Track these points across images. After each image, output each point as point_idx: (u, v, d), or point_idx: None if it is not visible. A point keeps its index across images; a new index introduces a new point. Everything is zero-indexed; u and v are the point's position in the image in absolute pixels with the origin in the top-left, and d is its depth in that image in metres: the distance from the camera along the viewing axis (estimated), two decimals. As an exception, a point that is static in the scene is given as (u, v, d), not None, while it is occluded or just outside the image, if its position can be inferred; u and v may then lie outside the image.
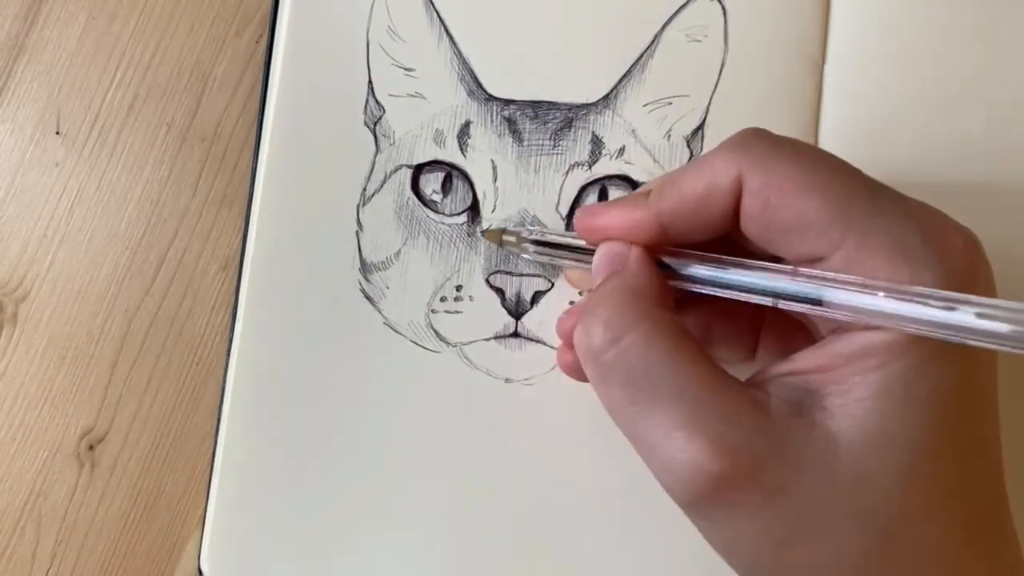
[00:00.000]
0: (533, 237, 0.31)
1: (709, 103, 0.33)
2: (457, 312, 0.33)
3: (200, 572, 0.33)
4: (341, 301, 0.33)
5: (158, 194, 0.36)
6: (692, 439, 0.22)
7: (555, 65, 0.34)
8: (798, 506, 0.22)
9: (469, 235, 0.33)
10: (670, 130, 0.33)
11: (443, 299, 0.33)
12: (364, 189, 0.34)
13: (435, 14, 0.34)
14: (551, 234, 0.31)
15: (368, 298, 0.33)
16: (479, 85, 0.34)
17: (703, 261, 0.26)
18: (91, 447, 0.35)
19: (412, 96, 0.34)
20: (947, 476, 0.22)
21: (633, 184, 0.33)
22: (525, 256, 0.32)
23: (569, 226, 0.33)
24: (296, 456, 0.33)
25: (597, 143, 0.33)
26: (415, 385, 0.33)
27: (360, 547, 0.33)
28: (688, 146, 0.33)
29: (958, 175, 0.25)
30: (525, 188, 0.33)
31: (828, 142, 0.33)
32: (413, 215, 0.33)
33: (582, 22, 0.34)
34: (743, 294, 0.25)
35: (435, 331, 0.33)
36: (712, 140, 0.33)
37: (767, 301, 0.24)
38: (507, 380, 0.33)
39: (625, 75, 0.33)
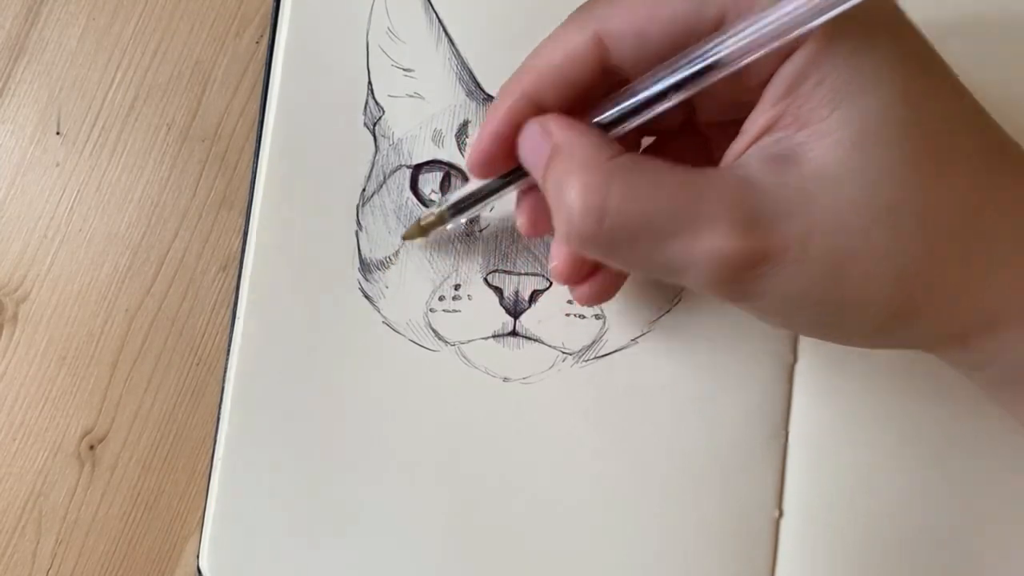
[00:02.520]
0: (448, 203, 0.30)
1: (707, 103, 0.33)
2: (455, 311, 0.33)
3: (200, 572, 0.33)
4: (341, 301, 0.33)
5: (158, 194, 0.36)
6: (713, 240, 0.22)
7: (554, 65, 0.34)
8: (830, 237, 0.22)
9: (467, 235, 0.33)
10: (668, 129, 0.33)
11: (442, 298, 0.33)
12: (363, 189, 0.34)
13: (434, 15, 0.34)
14: (462, 188, 0.30)
15: (367, 297, 0.33)
16: (478, 85, 0.34)
17: (611, 102, 0.25)
18: (91, 447, 0.35)
19: (411, 96, 0.34)
20: (943, 140, 0.22)
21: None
22: (449, 227, 0.31)
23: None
24: (296, 456, 0.33)
25: (596, 143, 0.33)
26: (414, 384, 0.33)
27: (359, 546, 0.33)
28: (686, 145, 0.33)
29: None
30: (524, 188, 0.33)
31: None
32: (412, 215, 0.33)
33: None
34: (656, 107, 0.25)
35: (434, 330, 0.33)
36: (710, 140, 0.33)
37: (675, 99, 0.24)
38: (505, 379, 0.33)
39: (624, 75, 0.33)
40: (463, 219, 0.31)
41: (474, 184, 0.29)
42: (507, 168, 0.28)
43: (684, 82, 0.24)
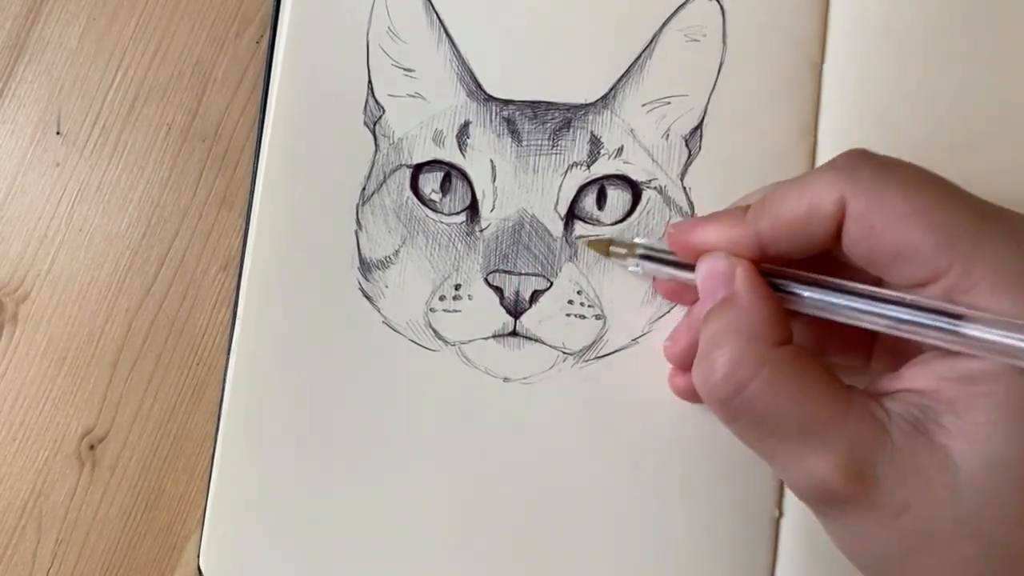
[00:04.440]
0: (641, 252, 0.30)
1: (707, 102, 0.33)
2: (456, 311, 0.33)
3: (200, 572, 0.33)
4: (340, 300, 0.33)
5: (159, 194, 0.36)
6: (820, 465, 0.23)
7: (554, 65, 0.34)
8: (922, 524, 0.23)
9: (468, 234, 0.33)
10: (668, 129, 0.33)
11: (442, 298, 0.33)
12: (364, 188, 0.34)
13: (435, 15, 0.34)
14: (659, 249, 0.30)
15: (367, 297, 0.33)
16: (478, 85, 0.34)
17: (815, 285, 0.26)
18: (92, 447, 0.35)
19: (412, 96, 0.34)
20: None
21: (632, 184, 0.33)
22: (627, 267, 0.31)
23: (570, 225, 0.33)
24: (295, 455, 0.33)
25: (596, 143, 0.33)
26: (414, 384, 0.33)
27: (359, 546, 0.33)
28: (686, 145, 0.33)
29: (957, 174, 0.25)
30: (524, 188, 0.33)
31: (827, 142, 0.33)
32: (412, 214, 0.33)
33: (581, 22, 0.34)
34: (860, 318, 0.25)
35: (434, 330, 0.33)
36: (710, 139, 0.33)
37: (889, 328, 0.25)
38: (506, 379, 0.33)
39: (624, 75, 0.33)
40: (647, 267, 0.31)
41: (669, 252, 0.30)
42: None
43: (915, 324, 0.24)
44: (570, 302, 0.33)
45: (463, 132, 0.34)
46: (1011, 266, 0.22)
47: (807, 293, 0.26)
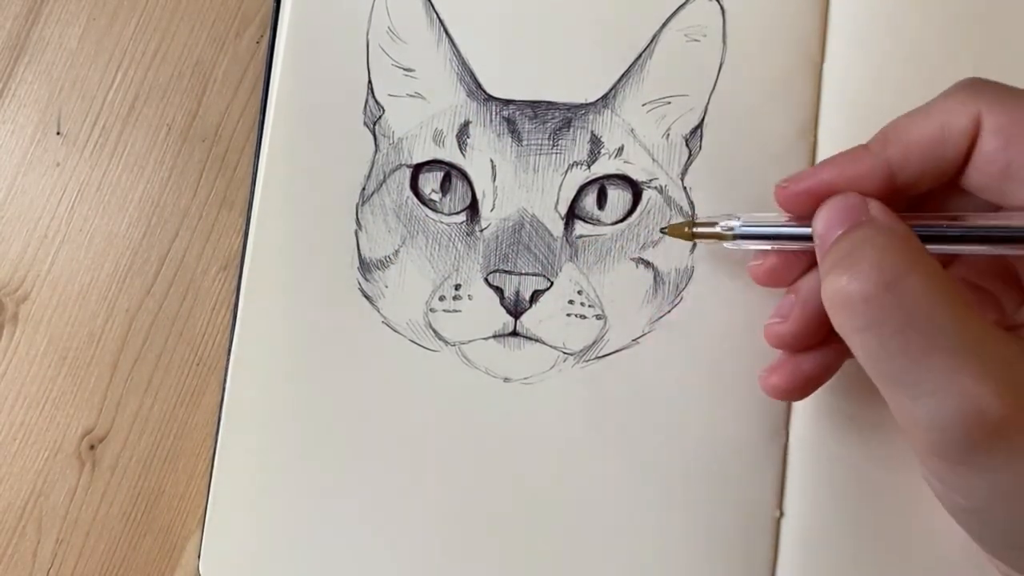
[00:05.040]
0: (736, 231, 0.29)
1: (708, 102, 0.33)
2: (456, 311, 0.33)
3: (200, 572, 0.33)
4: (340, 300, 0.33)
5: (159, 194, 0.36)
6: (977, 380, 0.21)
7: (554, 65, 0.34)
8: None
9: (468, 234, 0.33)
10: (669, 129, 0.33)
11: (442, 298, 0.33)
12: (363, 188, 0.34)
13: (435, 15, 0.34)
14: (754, 222, 0.28)
15: (367, 297, 0.33)
16: (478, 85, 0.34)
17: (946, 220, 0.25)
18: (92, 447, 0.35)
19: (411, 96, 0.34)
20: None
21: (632, 183, 0.33)
22: (727, 245, 0.30)
23: (570, 225, 0.33)
24: (295, 456, 0.33)
25: (596, 143, 0.33)
26: (414, 384, 0.33)
27: (359, 546, 0.33)
28: (687, 145, 0.33)
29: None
30: (524, 187, 0.33)
31: (827, 142, 0.33)
32: (412, 214, 0.33)
33: (581, 22, 0.34)
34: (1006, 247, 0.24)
35: (434, 330, 0.33)
36: (711, 139, 0.33)
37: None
38: (506, 379, 0.33)
39: (624, 75, 0.33)
40: (741, 246, 0.29)
41: (771, 219, 0.28)
42: (807, 214, 0.27)
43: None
44: (570, 302, 0.33)
45: (463, 132, 0.34)
46: None
47: (948, 226, 0.25)
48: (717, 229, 0.29)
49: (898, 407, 0.23)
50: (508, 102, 0.34)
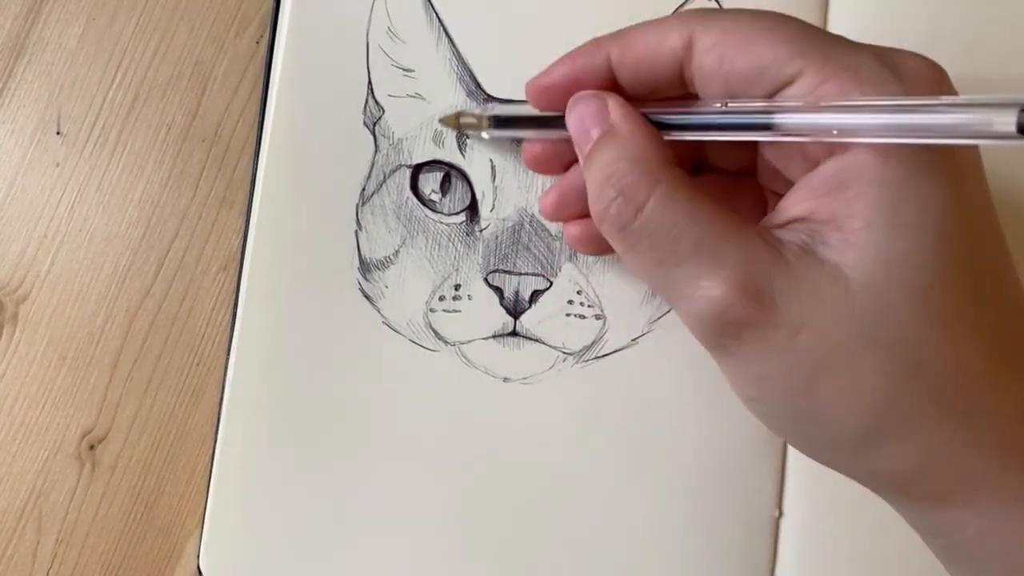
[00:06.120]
0: (492, 113, 0.31)
1: (707, 103, 0.33)
2: (456, 311, 0.33)
3: (200, 572, 0.33)
4: (340, 300, 0.33)
5: (158, 194, 0.36)
6: (716, 284, 0.23)
7: (554, 65, 0.34)
8: (820, 340, 0.22)
9: (468, 234, 0.33)
10: (668, 130, 0.33)
11: (442, 298, 0.33)
12: (363, 189, 0.34)
13: (434, 15, 0.34)
14: (511, 106, 0.31)
15: (367, 297, 0.33)
16: (478, 86, 0.34)
17: (671, 107, 0.26)
18: (92, 447, 0.35)
19: (411, 97, 0.34)
20: (962, 302, 0.22)
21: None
22: (484, 136, 0.32)
23: None
24: (295, 456, 0.33)
25: (596, 143, 0.33)
26: (414, 384, 0.33)
27: (359, 547, 0.33)
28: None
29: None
30: (523, 188, 0.33)
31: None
32: (412, 214, 0.33)
33: (581, 23, 0.34)
34: (708, 133, 0.25)
35: (434, 330, 0.33)
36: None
37: (726, 136, 0.25)
38: (505, 379, 0.33)
39: (624, 75, 0.33)
40: (497, 134, 0.32)
41: (522, 108, 0.30)
42: (558, 109, 0.28)
43: (739, 126, 0.24)
44: (570, 302, 0.33)
45: (463, 133, 0.34)
46: (862, 63, 0.22)
47: (673, 112, 0.26)
48: (475, 120, 0.32)
49: (675, 312, 0.25)
50: (508, 102, 0.34)
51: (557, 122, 0.28)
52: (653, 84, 0.26)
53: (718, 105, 0.25)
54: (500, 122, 0.31)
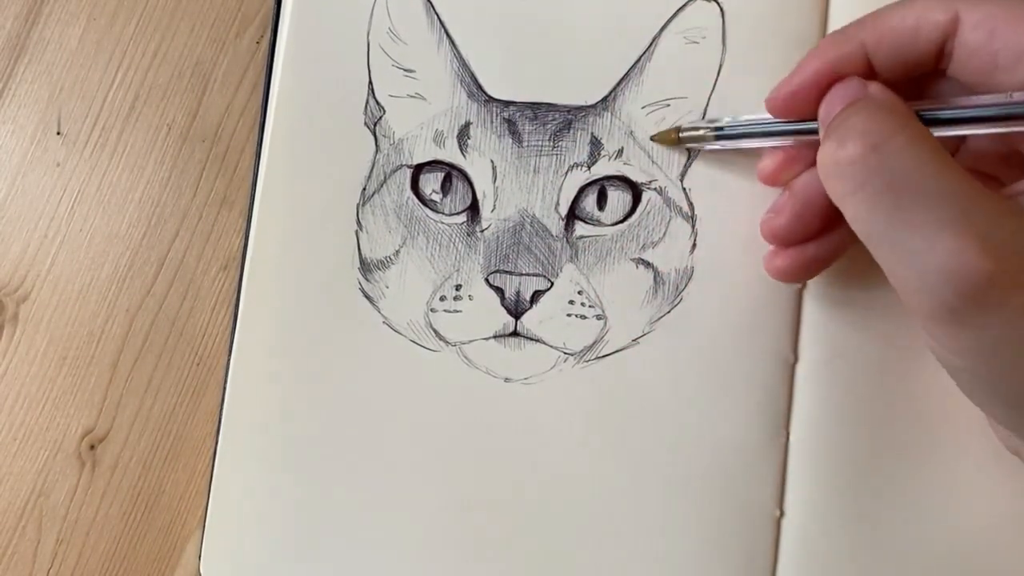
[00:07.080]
0: (712, 126, 0.31)
1: (707, 105, 0.33)
2: (456, 311, 0.33)
3: (200, 572, 0.33)
4: (341, 300, 0.33)
5: (159, 194, 0.36)
6: (961, 237, 0.21)
7: (554, 67, 0.34)
8: None
9: (469, 235, 0.33)
10: (669, 131, 0.33)
11: (442, 298, 0.33)
12: (364, 189, 0.34)
13: (435, 16, 0.34)
14: (741, 121, 0.31)
15: (368, 297, 0.33)
16: (479, 87, 0.34)
17: (935, 102, 0.26)
18: (92, 447, 0.35)
19: (412, 97, 0.34)
20: None
21: (632, 184, 0.33)
22: (706, 148, 0.32)
23: (571, 225, 0.33)
24: (296, 456, 0.33)
25: (596, 144, 0.33)
26: (414, 384, 0.33)
27: (359, 547, 0.33)
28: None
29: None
30: (524, 188, 0.33)
31: (826, 142, 0.33)
32: (413, 215, 0.33)
33: (581, 25, 0.34)
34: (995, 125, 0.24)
35: (434, 330, 0.33)
36: (711, 140, 0.33)
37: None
38: (506, 379, 0.33)
39: (624, 77, 0.33)
40: (721, 147, 0.31)
41: (756, 117, 0.30)
42: (803, 116, 0.28)
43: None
44: (571, 302, 0.33)
45: (464, 133, 0.34)
46: None
47: (943, 108, 0.25)
48: (702, 132, 0.31)
49: (891, 271, 0.23)
50: (508, 103, 0.34)
51: (788, 128, 0.28)
52: (912, 63, 0.26)
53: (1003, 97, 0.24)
54: (728, 134, 0.31)
